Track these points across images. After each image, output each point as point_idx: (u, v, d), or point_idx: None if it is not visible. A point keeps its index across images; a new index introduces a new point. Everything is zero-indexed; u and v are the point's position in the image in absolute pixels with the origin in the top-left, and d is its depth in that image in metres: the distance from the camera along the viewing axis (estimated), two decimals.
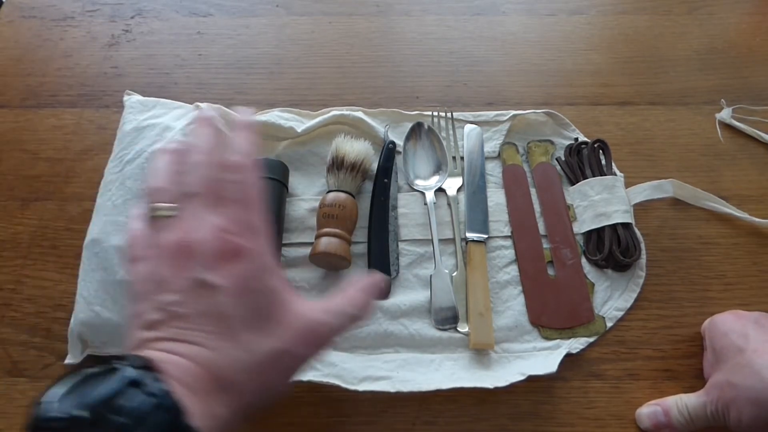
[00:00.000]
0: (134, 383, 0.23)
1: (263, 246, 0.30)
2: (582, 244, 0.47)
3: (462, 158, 0.50)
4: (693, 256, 0.47)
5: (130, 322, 0.28)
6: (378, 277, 0.32)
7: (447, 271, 0.45)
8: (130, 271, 0.30)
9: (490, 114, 0.52)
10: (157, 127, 0.46)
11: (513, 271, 0.46)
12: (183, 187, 0.31)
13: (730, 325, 0.39)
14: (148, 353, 0.26)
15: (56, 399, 0.23)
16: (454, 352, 0.42)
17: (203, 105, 0.48)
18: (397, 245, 0.46)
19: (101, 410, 0.22)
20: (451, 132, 0.51)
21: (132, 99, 0.50)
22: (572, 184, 0.49)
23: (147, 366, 0.24)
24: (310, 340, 0.29)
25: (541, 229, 0.47)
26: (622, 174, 0.49)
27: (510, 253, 0.46)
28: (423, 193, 0.48)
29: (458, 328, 0.43)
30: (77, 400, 0.23)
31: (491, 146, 0.51)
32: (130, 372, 0.24)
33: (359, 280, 0.32)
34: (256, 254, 0.29)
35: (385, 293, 0.32)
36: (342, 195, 0.45)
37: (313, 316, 0.29)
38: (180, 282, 0.27)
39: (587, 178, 0.48)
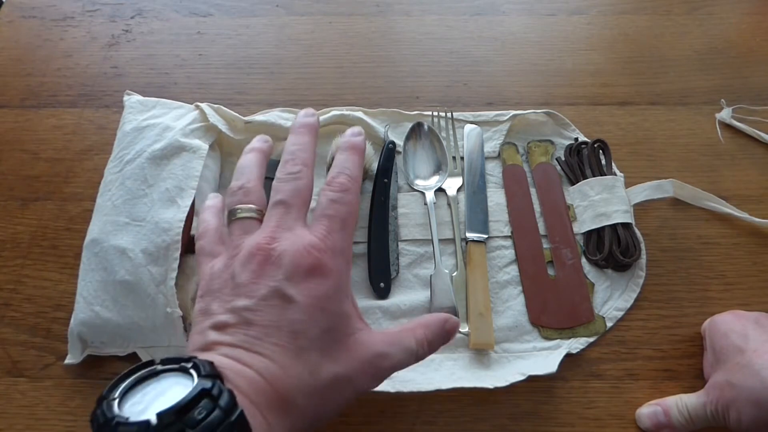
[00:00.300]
0: (206, 394, 0.22)
1: (344, 269, 0.29)
2: (582, 244, 0.47)
3: (462, 158, 0.50)
4: (693, 256, 0.47)
5: (197, 318, 0.28)
6: (453, 320, 0.31)
7: (447, 271, 0.45)
8: (202, 264, 0.29)
9: (490, 114, 0.52)
10: (157, 127, 0.46)
11: (513, 271, 0.46)
12: (276, 193, 0.30)
13: (730, 325, 0.39)
14: (216, 358, 0.25)
15: (123, 396, 0.22)
16: (454, 352, 0.42)
17: (203, 105, 0.48)
18: (397, 245, 0.46)
19: (172, 419, 0.21)
20: (451, 132, 0.51)
21: (132, 99, 0.50)
22: (572, 184, 0.49)
23: (217, 375, 0.24)
24: (370, 372, 0.28)
25: (541, 229, 0.47)
26: (622, 174, 0.49)
27: (510, 253, 0.46)
28: (423, 193, 0.48)
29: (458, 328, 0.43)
30: (146, 402, 0.22)
31: (491, 146, 0.51)
32: (203, 382, 0.23)
33: (429, 317, 0.31)
34: (336, 276, 0.28)
35: (451, 335, 0.32)
36: None
37: (378, 347, 0.29)
38: (258, 288, 0.27)
39: (587, 178, 0.48)
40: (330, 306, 0.28)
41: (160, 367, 0.24)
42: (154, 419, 0.21)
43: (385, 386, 0.39)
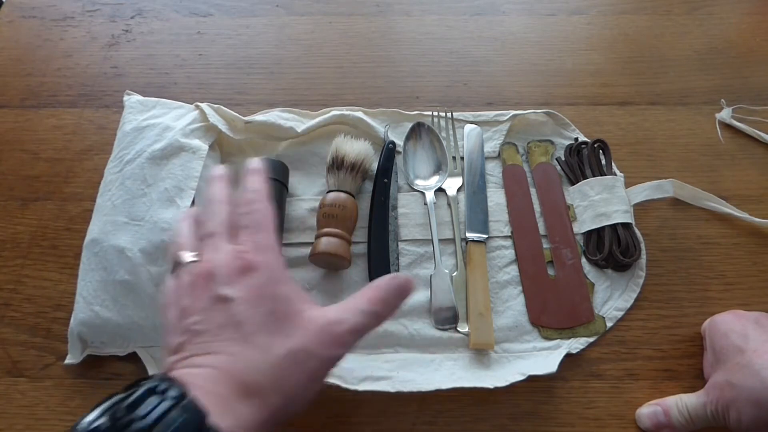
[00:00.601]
0: (152, 391, 0.25)
1: (274, 260, 0.31)
2: (582, 244, 0.47)
3: (462, 158, 0.50)
4: (693, 256, 0.47)
5: (162, 355, 0.31)
6: (401, 276, 0.33)
7: (447, 271, 0.45)
8: (164, 318, 0.32)
9: (490, 114, 0.52)
10: (157, 127, 0.46)
11: (513, 271, 0.46)
12: (203, 231, 0.33)
13: (729, 326, 0.39)
14: (173, 373, 0.27)
15: (86, 422, 0.24)
16: (454, 352, 0.42)
17: (203, 105, 0.48)
18: (397, 245, 0.46)
19: (121, 416, 0.23)
20: (451, 132, 0.51)
21: (132, 99, 0.50)
22: (572, 184, 0.49)
23: (167, 378, 0.26)
24: (328, 339, 0.30)
25: (541, 229, 0.47)
26: (622, 174, 0.49)
27: (510, 253, 0.46)
28: (423, 193, 0.48)
29: (458, 328, 0.43)
30: (101, 414, 0.24)
31: (491, 146, 0.51)
32: (150, 384, 0.25)
33: (380, 279, 0.33)
34: (267, 267, 0.31)
35: (408, 291, 0.33)
36: (342, 195, 0.45)
37: (329, 316, 0.30)
38: (200, 303, 0.29)
39: (587, 178, 0.48)
40: (267, 291, 0.30)
41: (118, 395, 0.26)
42: (106, 421, 0.23)
43: (385, 386, 0.39)
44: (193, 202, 0.43)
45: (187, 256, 0.32)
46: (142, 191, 0.42)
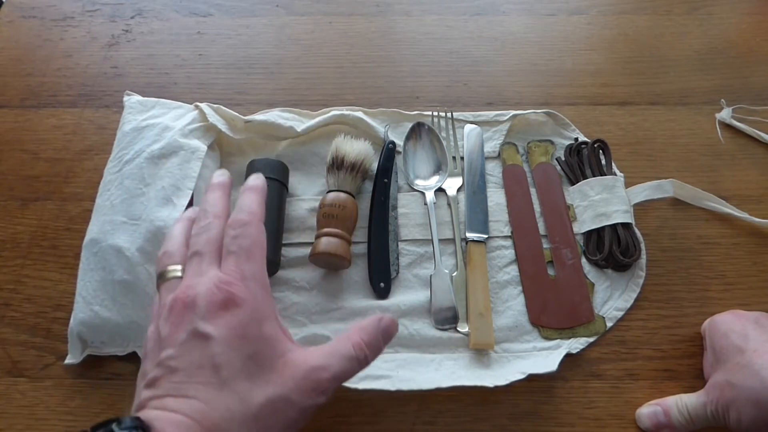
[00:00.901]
0: None
1: (259, 295, 0.30)
2: (582, 244, 0.47)
3: (462, 158, 0.50)
4: (693, 256, 0.47)
5: (138, 383, 0.29)
6: (386, 317, 0.32)
7: (447, 271, 0.45)
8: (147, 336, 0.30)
9: (490, 114, 0.52)
10: (156, 127, 0.46)
11: (513, 271, 0.46)
12: (190, 248, 0.32)
13: (729, 326, 0.39)
14: (144, 413, 0.26)
15: None
16: (454, 352, 0.42)
17: (202, 105, 0.48)
18: (397, 245, 0.46)
19: None
20: (451, 132, 0.51)
21: (132, 99, 0.50)
22: (572, 184, 0.49)
23: (139, 426, 0.24)
24: (309, 387, 0.28)
25: (541, 229, 0.47)
26: (622, 174, 0.49)
27: (510, 253, 0.46)
28: (423, 193, 0.48)
29: (458, 328, 0.43)
30: None
31: (491, 146, 0.51)
32: (118, 429, 0.24)
33: (365, 320, 0.32)
34: (250, 303, 0.29)
35: (388, 333, 0.32)
36: (342, 195, 0.45)
37: (313, 361, 0.29)
38: (177, 335, 0.28)
39: (587, 178, 0.48)
40: (249, 332, 0.28)
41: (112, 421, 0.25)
42: None
43: (385, 385, 0.39)
44: (191, 202, 0.43)
45: (172, 270, 0.31)
46: (141, 191, 0.42)
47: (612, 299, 0.45)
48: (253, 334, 0.28)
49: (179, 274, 0.31)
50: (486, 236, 0.46)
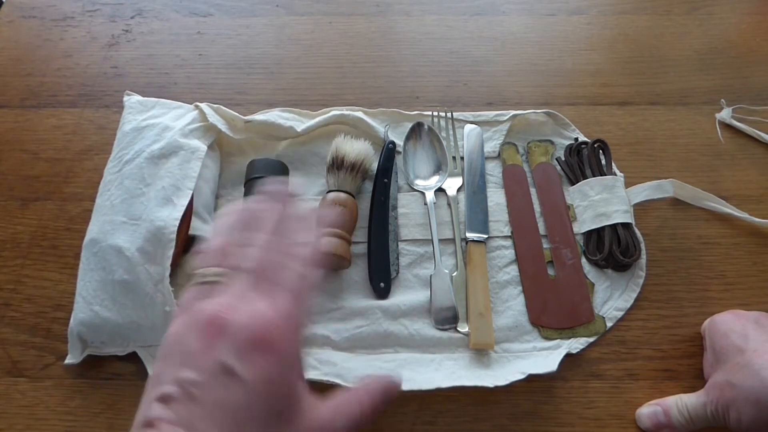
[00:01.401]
0: None
1: (297, 343, 0.28)
2: (582, 244, 0.47)
3: (462, 158, 0.50)
4: (693, 256, 0.47)
5: (149, 383, 0.27)
6: (390, 378, 0.31)
7: (447, 271, 0.45)
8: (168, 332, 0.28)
9: (490, 114, 0.52)
10: (156, 127, 0.46)
11: (513, 271, 0.46)
12: (239, 260, 0.29)
13: (729, 325, 0.39)
14: None
15: None
16: (454, 352, 0.42)
17: (202, 105, 0.48)
18: (397, 245, 0.46)
19: None
20: (451, 132, 0.51)
21: (132, 99, 0.50)
22: (572, 184, 0.49)
23: None
24: None
25: (541, 229, 0.47)
26: (622, 174, 0.49)
27: (510, 253, 0.46)
28: (423, 193, 0.48)
29: (458, 328, 0.43)
30: None
31: (491, 146, 0.51)
32: None
33: (371, 381, 0.31)
34: (288, 351, 0.27)
35: (396, 392, 0.32)
36: (342, 195, 0.45)
37: (324, 417, 0.28)
38: (205, 360, 0.26)
39: (587, 178, 0.48)
40: (277, 384, 0.26)
41: None
42: None
43: None
44: (190, 202, 0.43)
45: (214, 275, 0.28)
46: (141, 191, 0.42)
47: (612, 299, 0.45)
48: (280, 387, 0.27)
49: (217, 278, 0.28)
50: (486, 236, 0.46)
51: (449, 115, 0.52)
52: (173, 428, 0.25)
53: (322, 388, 0.38)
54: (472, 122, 0.52)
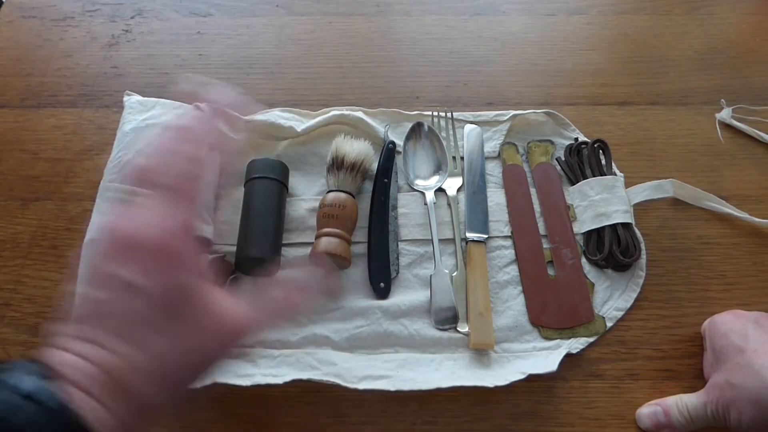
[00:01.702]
0: (29, 397, 0.23)
1: (194, 245, 0.29)
2: (582, 244, 0.47)
3: (462, 158, 0.50)
4: (693, 256, 0.47)
5: (72, 302, 0.28)
6: (315, 272, 0.31)
7: (447, 271, 0.45)
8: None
9: (490, 114, 0.52)
10: (156, 128, 0.46)
11: (513, 271, 0.46)
12: (161, 177, 0.29)
13: (729, 325, 0.39)
14: (57, 356, 0.25)
15: None
16: (454, 352, 0.42)
17: (202, 105, 0.48)
18: (397, 245, 0.46)
19: None
20: (451, 132, 0.51)
21: (132, 99, 0.50)
22: (572, 184, 0.49)
23: (51, 375, 0.24)
24: (225, 341, 0.28)
25: (541, 229, 0.47)
26: (622, 174, 0.49)
27: (510, 253, 0.46)
28: (423, 193, 0.48)
29: (458, 328, 0.43)
30: None
31: (491, 146, 0.51)
32: (26, 384, 0.23)
33: (294, 276, 0.31)
34: (186, 256, 0.28)
35: (330, 291, 0.31)
36: (342, 195, 0.45)
37: (235, 315, 0.29)
38: (114, 279, 0.27)
39: (587, 178, 0.48)
40: (180, 292, 0.27)
41: (7, 366, 0.24)
42: None
43: (385, 385, 0.39)
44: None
45: (125, 190, 0.29)
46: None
47: (612, 299, 0.45)
48: (178, 287, 0.27)
49: (133, 198, 0.29)
50: (486, 236, 0.46)
51: (449, 115, 0.52)
52: (79, 343, 0.26)
53: (323, 388, 0.38)
54: (472, 122, 0.52)
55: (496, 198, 0.48)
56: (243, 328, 0.29)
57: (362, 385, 0.38)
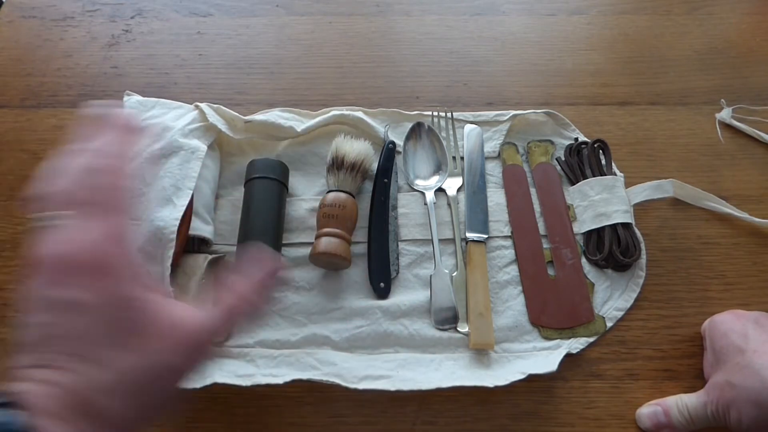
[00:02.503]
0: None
1: (130, 256, 0.28)
2: (582, 244, 0.47)
3: (462, 158, 0.50)
4: (693, 256, 0.47)
5: (24, 332, 0.28)
6: (269, 262, 0.31)
7: (447, 271, 0.45)
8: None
9: (490, 114, 0.52)
10: (156, 128, 0.46)
11: (513, 271, 0.46)
12: (79, 195, 0.29)
13: (729, 325, 0.39)
14: (17, 386, 0.25)
15: None
16: (454, 352, 0.42)
17: (202, 105, 0.48)
18: (397, 245, 0.46)
19: None
20: (451, 132, 0.51)
21: (132, 99, 0.50)
22: (572, 184, 0.49)
23: (10, 404, 0.24)
24: (188, 348, 0.28)
25: (541, 229, 0.47)
26: (622, 174, 0.49)
27: (510, 253, 0.46)
28: (423, 193, 0.48)
29: (458, 328, 0.43)
30: None
31: (491, 146, 0.51)
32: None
33: (248, 269, 0.31)
34: (123, 267, 0.28)
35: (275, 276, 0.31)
36: (342, 195, 0.45)
37: (192, 322, 0.28)
38: (51, 300, 0.27)
39: (587, 178, 0.48)
40: (120, 300, 0.27)
41: None
42: None
43: (385, 385, 0.39)
44: (191, 202, 0.43)
45: (47, 216, 0.28)
46: (141, 191, 0.42)
47: (612, 299, 0.45)
48: (124, 302, 0.27)
49: (67, 221, 0.28)
50: (486, 236, 0.46)
51: (449, 115, 0.52)
52: (35, 370, 0.26)
53: (323, 388, 0.38)
54: (472, 122, 0.52)
55: (496, 198, 0.48)
56: (202, 333, 0.29)
57: (362, 385, 0.39)
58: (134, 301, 0.27)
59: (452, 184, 0.49)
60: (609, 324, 0.44)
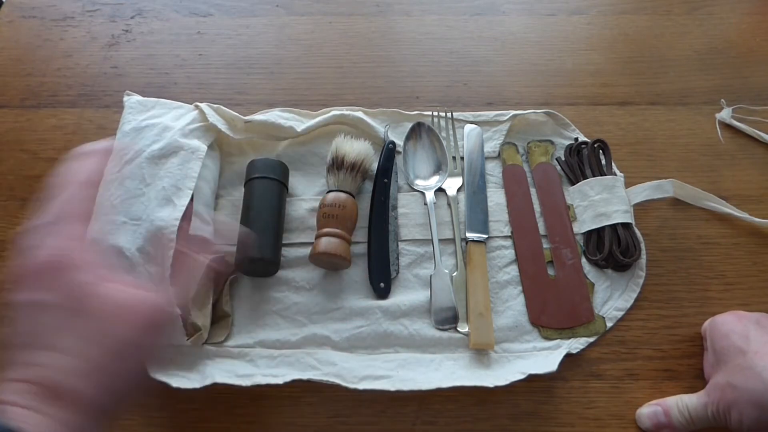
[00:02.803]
0: None
1: (84, 250, 0.32)
2: (582, 244, 0.47)
3: (462, 158, 0.50)
4: (693, 256, 0.47)
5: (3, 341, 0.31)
6: (211, 243, 0.34)
7: (447, 271, 0.45)
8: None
9: (490, 114, 0.52)
10: (156, 127, 0.46)
11: (513, 271, 0.46)
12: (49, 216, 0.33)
13: (730, 326, 0.39)
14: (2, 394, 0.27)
15: None
16: (454, 352, 0.42)
17: (202, 105, 0.48)
18: (397, 245, 0.46)
19: None
20: (451, 132, 0.51)
21: (132, 99, 0.50)
22: (572, 184, 0.49)
23: None
24: (144, 324, 0.31)
25: (541, 229, 0.47)
26: (622, 174, 0.49)
27: (510, 253, 0.46)
28: (423, 193, 0.48)
29: (458, 328, 0.43)
30: None
31: (491, 146, 0.51)
32: None
33: (194, 245, 0.34)
34: (80, 260, 0.31)
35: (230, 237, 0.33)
36: (342, 195, 0.45)
37: (144, 299, 0.31)
38: (21, 305, 0.30)
39: (587, 178, 0.48)
40: (83, 293, 0.30)
41: None
42: None
43: (385, 385, 0.39)
44: (191, 202, 0.43)
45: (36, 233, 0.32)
46: (141, 191, 0.42)
47: (612, 299, 0.45)
48: (83, 293, 0.30)
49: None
50: (486, 236, 0.46)
51: (449, 115, 0.52)
52: (14, 371, 0.28)
53: (323, 388, 0.38)
54: (472, 122, 0.52)
55: (496, 198, 0.48)
56: (154, 309, 0.31)
57: (362, 385, 0.39)
58: (87, 285, 0.30)
59: (452, 184, 0.49)
60: (609, 324, 0.44)
